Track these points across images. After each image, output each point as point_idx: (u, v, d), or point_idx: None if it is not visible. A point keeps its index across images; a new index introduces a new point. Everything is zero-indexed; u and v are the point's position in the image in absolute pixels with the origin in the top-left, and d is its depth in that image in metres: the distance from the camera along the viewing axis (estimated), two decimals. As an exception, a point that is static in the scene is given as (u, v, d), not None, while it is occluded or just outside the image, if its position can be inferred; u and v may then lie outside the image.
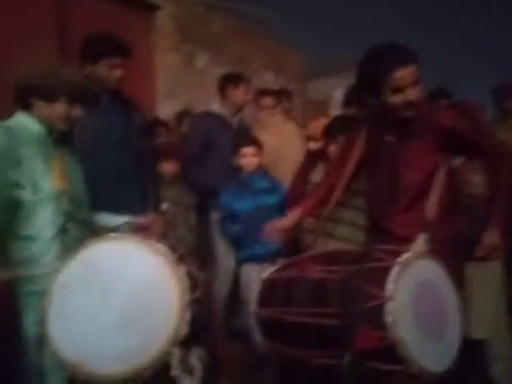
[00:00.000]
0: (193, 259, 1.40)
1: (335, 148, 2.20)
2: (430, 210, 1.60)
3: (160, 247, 1.32)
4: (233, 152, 2.58)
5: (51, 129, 1.57)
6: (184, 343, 1.23)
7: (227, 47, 4.46)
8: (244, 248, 2.48)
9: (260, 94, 3.25)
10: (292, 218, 1.88)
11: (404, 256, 1.37)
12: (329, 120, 2.53)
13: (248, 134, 2.89)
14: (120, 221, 1.74)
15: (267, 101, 3.21)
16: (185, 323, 1.23)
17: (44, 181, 1.50)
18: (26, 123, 1.53)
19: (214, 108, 2.95)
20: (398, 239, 1.59)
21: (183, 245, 1.38)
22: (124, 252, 1.32)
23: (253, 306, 1.63)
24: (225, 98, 2.94)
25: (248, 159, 2.51)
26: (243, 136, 2.80)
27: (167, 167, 2.64)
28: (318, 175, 2.36)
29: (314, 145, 2.55)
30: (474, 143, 1.63)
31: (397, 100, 1.59)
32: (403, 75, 1.56)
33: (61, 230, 1.50)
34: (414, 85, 1.58)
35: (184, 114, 3.49)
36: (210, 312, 1.39)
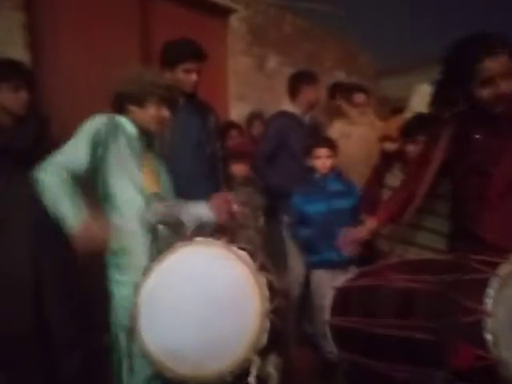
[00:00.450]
0: (271, 267, 1.38)
1: (413, 149, 2.08)
2: None
3: (243, 255, 1.34)
4: (305, 152, 2.53)
5: (145, 132, 1.66)
6: (262, 351, 1.24)
7: (298, 48, 4.42)
8: (315, 253, 2.41)
9: (353, 90, 3.15)
10: (367, 229, 1.78)
11: (504, 267, 1.24)
12: (406, 119, 2.39)
13: (321, 135, 2.84)
14: (203, 211, 1.78)
15: (360, 97, 3.11)
16: (265, 331, 1.24)
17: (136, 179, 1.57)
18: (125, 124, 1.64)
19: (287, 108, 2.92)
20: (491, 247, 1.45)
21: (261, 251, 1.37)
22: (209, 257, 1.35)
23: (326, 314, 1.59)
24: (297, 97, 2.89)
25: (322, 161, 2.45)
26: (317, 136, 2.75)
27: (237, 169, 2.66)
28: (394, 178, 2.26)
29: (391, 145, 2.43)
30: None
31: (486, 94, 1.47)
32: (493, 66, 1.43)
33: (151, 230, 1.55)
34: (506, 76, 1.44)
35: (255, 117, 3.51)
36: (286, 321, 1.37)
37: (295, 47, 4.39)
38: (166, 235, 1.56)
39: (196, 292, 1.30)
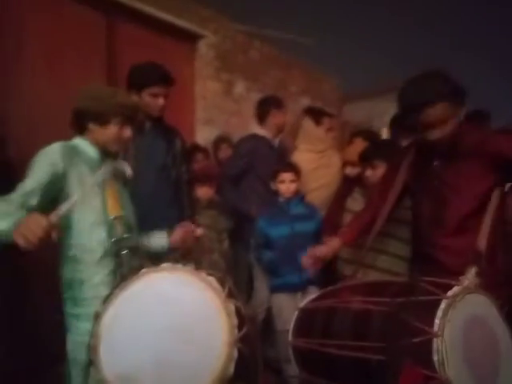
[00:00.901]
0: (239, 293, 1.36)
1: (371, 173, 2.15)
2: (482, 241, 1.50)
3: (211, 281, 1.29)
4: (271, 176, 2.57)
5: (105, 153, 1.60)
6: (229, 381, 1.19)
7: (265, 74, 4.54)
8: (278, 276, 2.43)
9: (324, 114, 3.16)
10: (331, 248, 1.82)
11: (453, 290, 1.29)
12: (366, 145, 2.49)
13: (286, 160, 2.89)
14: (161, 242, 1.76)
15: (329, 122, 3.13)
16: (233, 361, 1.19)
17: (98, 205, 1.51)
18: (84, 147, 1.57)
19: (258, 131, 2.96)
20: (446, 270, 1.50)
21: (230, 278, 1.34)
22: (177, 283, 1.30)
23: (288, 336, 1.58)
24: (265, 121, 2.94)
25: (286, 185, 2.49)
26: (283, 161, 2.81)
27: (202, 192, 2.66)
28: (354, 202, 2.32)
29: (352, 170, 2.51)
30: None
31: (424, 135, 1.58)
32: (433, 111, 1.51)
33: (112, 256, 1.50)
34: (436, 125, 1.53)
35: (221, 140, 3.55)
36: (255, 348, 1.34)
37: (262, 73, 4.50)
38: (130, 261, 1.50)
39: (161, 320, 1.24)
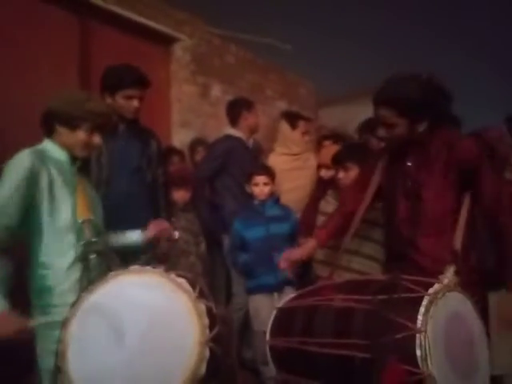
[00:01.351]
0: (210, 295, 1.36)
1: (344, 175, 2.18)
2: (458, 241, 1.54)
3: (182, 282, 1.30)
4: (245, 179, 2.59)
5: (74, 157, 1.59)
6: (201, 381, 1.20)
7: (241, 78, 4.57)
8: (253, 277, 2.45)
9: (300, 118, 3.21)
10: (306, 249, 1.84)
11: (434, 287, 1.32)
12: (336, 147, 2.53)
13: (260, 161, 2.92)
14: (135, 237, 1.75)
15: (306, 126, 3.19)
16: (204, 360, 1.20)
17: (68, 208, 1.51)
18: (53, 150, 1.56)
19: (232, 132, 2.97)
20: (421, 269, 1.54)
21: (200, 278, 1.35)
22: (146, 286, 1.30)
23: (266, 336, 1.58)
24: (237, 123, 2.96)
25: (260, 188, 2.52)
26: (256, 163, 2.83)
27: (178, 195, 2.66)
28: (327, 204, 2.35)
29: (326, 172, 2.55)
30: (481, 185, 1.59)
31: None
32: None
33: (81, 260, 1.48)
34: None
35: (198, 143, 3.55)
36: (228, 348, 1.34)
37: (238, 77, 4.53)
38: (98, 264, 1.50)
39: (130, 323, 1.23)
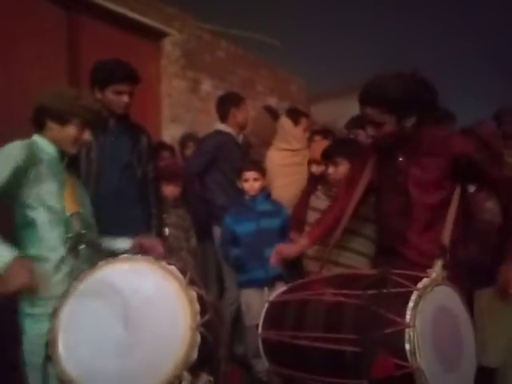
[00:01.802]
0: (201, 282, 1.37)
1: (333, 170, 2.19)
2: (446, 236, 1.55)
3: (172, 269, 1.31)
4: (236, 175, 2.60)
5: (63, 152, 1.60)
6: (193, 367, 1.21)
7: (232, 73, 4.56)
8: (244, 272, 2.46)
9: (302, 115, 3.19)
10: (299, 247, 1.85)
11: (423, 282, 1.33)
12: (326, 143, 2.54)
13: (250, 158, 2.92)
14: (123, 245, 1.75)
15: (307, 122, 3.16)
16: (195, 346, 1.21)
17: (57, 202, 1.52)
18: (43, 145, 1.56)
19: (221, 127, 2.97)
20: (411, 264, 1.55)
21: (191, 267, 1.36)
22: (136, 273, 1.31)
23: (259, 329, 1.60)
24: (227, 118, 2.96)
25: (250, 183, 2.52)
26: (245, 159, 2.83)
27: (168, 190, 2.64)
28: (317, 200, 2.35)
29: (317, 168, 2.56)
30: (487, 174, 1.61)
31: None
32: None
33: (70, 252, 1.50)
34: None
35: (188, 138, 3.54)
36: (218, 337, 1.36)
37: (229, 72, 4.52)
38: (88, 255, 1.51)
39: (121, 309, 1.25)
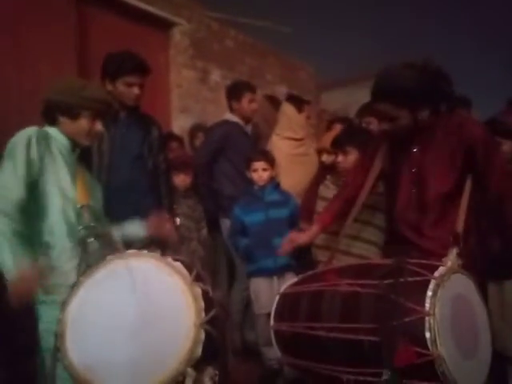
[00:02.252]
0: (208, 278, 1.39)
1: (343, 159, 2.17)
2: (460, 224, 1.55)
3: (177, 265, 1.32)
4: (245, 166, 2.60)
5: (75, 144, 1.62)
6: (197, 363, 1.22)
7: (241, 62, 4.54)
8: (253, 261, 2.47)
9: (303, 102, 3.16)
10: (310, 235, 1.86)
11: (439, 270, 1.34)
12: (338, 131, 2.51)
13: (259, 148, 2.92)
14: (137, 231, 1.78)
15: (310, 110, 3.17)
16: (200, 343, 1.23)
17: (70, 191, 1.54)
18: (55, 135, 1.58)
19: (229, 117, 2.97)
20: (426, 253, 1.54)
21: (198, 263, 1.37)
22: (142, 270, 1.33)
23: (270, 321, 1.61)
24: (236, 107, 2.96)
25: (259, 173, 2.52)
26: (255, 149, 2.83)
27: (179, 180, 2.67)
28: (326, 189, 2.34)
29: (327, 157, 2.52)
30: (490, 162, 1.59)
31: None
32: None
33: (81, 244, 1.51)
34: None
35: (198, 129, 3.54)
36: (224, 332, 1.38)
37: (238, 61, 4.50)
38: (96, 248, 1.52)
39: (127, 305, 1.27)
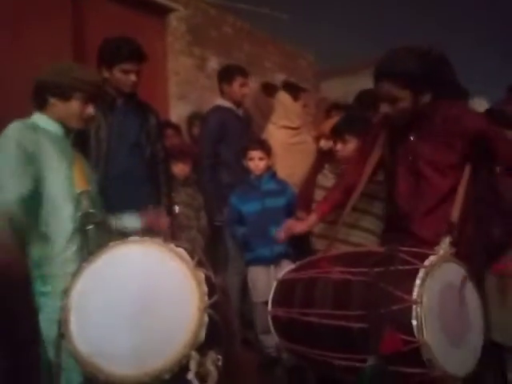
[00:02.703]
0: (209, 264, 1.39)
1: (341, 147, 2.16)
2: (455, 213, 1.55)
3: (180, 251, 1.33)
4: (241, 154, 2.58)
5: (67, 129, 1.59)
6: (201, 347, 1.24)
7: (239, 49, 4.49)
8: (250, 250, 2.48)
9: (299, 89, 3.16)
10: (307, 224, 1.86)
11: (430, 259, 1.35)
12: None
13: (255, 137, 2.90)
14: (134, 224, 1.78)
15: (307, 98, 3.16)
16: (203, 326, 1.24)
17: (64, 180, 1.52)
18: (45, 123, 1.54)
19: (220, 102, 2.94)
20: (421, 241, 1.55)
21: (199, 249, 1.37)
22: (146, 255, 1.34)
23: (268, 306, 1.64)
24: (227, 91, 2.92)
25: (255, 162, 2.51)
26: (251, 139, 2.80)
27: (178, 169, 2.66)
28: (324, 178, 2.33)
29: (326, 143, 2.48)
30: (501, 150, 1.58)
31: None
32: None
33: (79, 231, 1.50)
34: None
35: (195, 117, 3.53)
36: (227, 317, 1.39)
37: (236, 48, 4.45)
38: (97, 235, 1.51)
39: (131, 291, 1.28)
